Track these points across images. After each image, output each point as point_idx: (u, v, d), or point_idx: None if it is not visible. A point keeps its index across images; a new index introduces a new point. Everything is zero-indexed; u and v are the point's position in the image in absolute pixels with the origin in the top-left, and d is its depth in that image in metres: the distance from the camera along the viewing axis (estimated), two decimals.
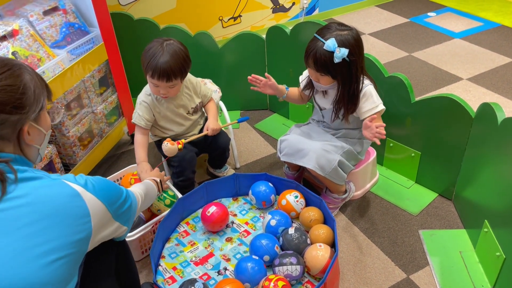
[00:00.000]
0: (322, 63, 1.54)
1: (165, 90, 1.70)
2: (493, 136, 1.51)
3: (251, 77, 1.77)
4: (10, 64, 0.95)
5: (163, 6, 2.96)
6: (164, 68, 1.62)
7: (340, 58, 1.50)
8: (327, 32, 1.54)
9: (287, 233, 1.53)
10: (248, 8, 3.29)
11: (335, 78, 1.58)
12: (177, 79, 1.68)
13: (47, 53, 1.73)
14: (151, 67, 1.63)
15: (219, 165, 2.06)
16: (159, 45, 1.65)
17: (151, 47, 1.66)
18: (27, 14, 1.74)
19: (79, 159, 1.93)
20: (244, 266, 1.41)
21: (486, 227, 1.53)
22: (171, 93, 1.73)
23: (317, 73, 1.59)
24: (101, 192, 1.00)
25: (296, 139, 1.73)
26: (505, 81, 2.74)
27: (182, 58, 1.66)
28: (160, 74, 1.63)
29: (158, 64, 1.62)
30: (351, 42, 1.52)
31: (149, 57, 1.64)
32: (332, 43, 1.50)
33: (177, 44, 1.68)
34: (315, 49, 1.54)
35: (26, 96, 0.95)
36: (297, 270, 1.40)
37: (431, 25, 3.56)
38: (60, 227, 0.89)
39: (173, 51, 1.64)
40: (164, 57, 1.62)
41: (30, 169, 0.94)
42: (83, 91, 1.92)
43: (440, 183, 1.89)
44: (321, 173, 1.64)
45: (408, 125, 1.87)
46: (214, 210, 1.62)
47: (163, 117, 1.82)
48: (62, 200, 0.91)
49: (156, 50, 1.63)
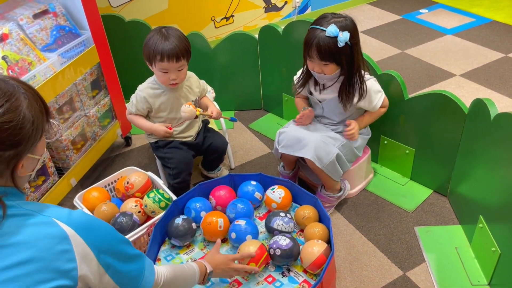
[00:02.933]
0: (326, 50, 1.55)
1: (175, 75, 1.73)
2: (486, 132, 1.52)
3: (298, 121, 1.78)
4: (7, 94, 0.85)
5: (155, 7, 2.95)
6: (171, 48, 1.67)
7: (344, 42, 1.53)
8: (324, 21, 1.57)
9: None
10: (241, 8, 3.29)
11: (339, 64, 1.60)
12: (184, 59, 1.73)
13: (38, 56, 1.72)
14: (158, 51, 1.67)
15: (213, 167, 2.06)
16: (158, 32, 1.71)
17: (151, 36, 1.71)
18: (17, 18, 1.73)
19: (73, 162, 1.92)
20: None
21: (481, 222, 1.54)
22: (181, 76, 1.76)
23: (321, 63, 1.60)
24: (95, 238, 0.88)
25: (295, 130, 1.75)
26: (497, 76, 2.75)
27: (184, 38, 1.73)
28: (169, 55, 1.67)
29: (165, 47, 1.66)
30: (350, 26, 1.56)
31: (153, 44, 1.68)
32: (334, 28, 1.52)
33: (175, 28, 1.75)
34: (316, 38, 1.55)
35: (24, 130, 0.86)
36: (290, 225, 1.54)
37: (423, 21, 3.57)
38: (41, 273, 0.80)
39: (174, 33, 1.71)
40: (169, 40, 1.68)
41: (20, 204, 0.86)
42: (75, 94, 1.91)
43: (435, 179, 1.90)
44: (318, 165, 1.65)
45: (402, 123, 1.87)
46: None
47: (165, 109, 1.84)
48: (47, 242, 0.82)
49: (158, 37, 1.69)
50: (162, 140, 1.87)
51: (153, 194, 1.68)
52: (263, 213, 1.73)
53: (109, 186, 1.87)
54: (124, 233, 1.57)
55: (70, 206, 1.94)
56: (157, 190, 1.69)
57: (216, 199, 1.70)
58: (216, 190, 1.72)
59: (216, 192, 1.72)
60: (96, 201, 1.72)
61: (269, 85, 2.43)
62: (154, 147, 1.91)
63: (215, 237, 1.59)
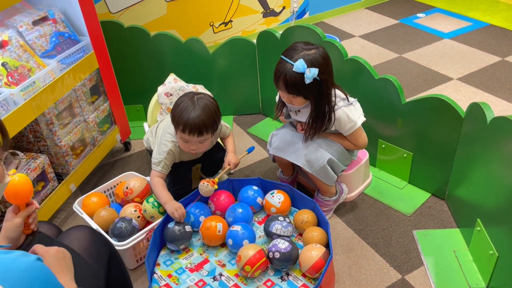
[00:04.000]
0: (293, 85, 1.51)
1: (195, 146, 1.65)
2: (483, 135, 1.53)
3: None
4: None
5: (154, 13, 2.96)
6: (195, 123, 1.57)
7: (311, 79, 1.47)
8: (294, 53, 1.51)
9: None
10: (239, 13, 3.31)
11: (307, 98, 1.56)
12: (208, 134, 1.62)
13: (37, 63, 1.73)
14: (182, 122, 1.58)
15: (213, 173, 2.06)
16: (189, 99, 1.61)
17: (181, 101, 1.62)
18: (17, 25, 1.74)
19: (72, 168, 1.93)
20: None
21: (478, 225, 1.54)
22: (201, 148, 1.68)
23: (290, 95, 1.56)
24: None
25: (288, 134, 1.73)
26: (494, 80, 2.77)
27: (214, 112, 1.62)
28: (191, 129, 1.57)
29: (189, 119, 1.57)
30: (319, 61, 1.48)
31: (180, 112, 1.59)
32: (301, 64, 1.46)
33: (207, 98, 1.64)
34: (284, 71, 1.50)
35: None
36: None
37: (421, 26, 3.59)
38: None
39: (205, 104, 1.60)
40: (195, 112, 1.57)
41: None
42: (75, 100, 1.92)
43: (432, 183, 1.91)
44: (308, 170, 1.65)
45: (399, 126, 1.88)
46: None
47: (180, 156, 1.78)
48: None
49: (187, 105, 1.59)
50: None
51: (152, 199, 1.68)
52: (262, 217, 1.74)
53: (109, 191, 1.88)
54: (123, 238, 1.58)
55: (69, 212, 1.94)
56: None
57: (215, 204, 1.71)
58: (215, 195, 1.73)
59: (215, 197, 1.72)
60: (96, 206, 1.73)
61: (268, 89, 2.44)
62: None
63: (214, 241, 1.60)
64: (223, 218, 1.65)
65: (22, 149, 1.91)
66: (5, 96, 1.55)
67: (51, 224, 1.29)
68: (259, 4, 3.37)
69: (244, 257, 1.44)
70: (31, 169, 1.71)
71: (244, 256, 1.44)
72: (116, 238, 1.58)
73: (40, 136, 1.85)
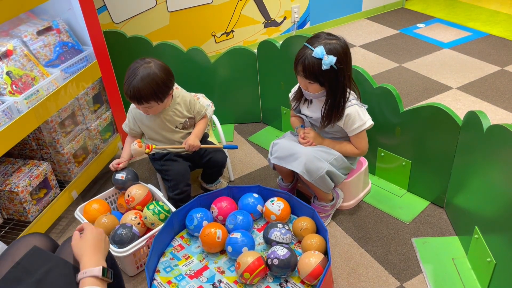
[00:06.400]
0: (310, 70, 1.58)
1: (143, 109, 1.76)
2: (480, 144, 1.54)
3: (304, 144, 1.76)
4: None
5: (156, 23, 3.01)
6: (133, 92, 1.66)
7: (328, 65, 1.54)
8: (316, 40, 1.59)
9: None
10: (240, 23, 3.35)
11: (323, 86, 1.62)
12: (150, 103, 1.69)
13: (41, 72, 1.76)
14: (124, 88, 1.69)
15: (213, 180, 2.08)
16: (137, 66, 1.68)
17: (131, 67, 1.70)
18: (21, 35, 1.78)
19: (74, 175, 1.95)
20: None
21: (476, 233, 1.55)
22: (150, 112, 1.77)
23: (306, 81, 1.63)
24: None
25: (288, 143, 1.77)
26: (494, 89, 2.79)
27: (155, 83, 1.66)
28: (130, 97, 1.69)
29: (129, 87, 1.66)
30: (339, 51, 1.56)
31: (126, 78, 1.69)
32: (320, 51, 1.54)
33: (154, 68, 1.67)
34: (304, 56, 1.58)
35: None
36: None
37: (421, 36, 3.62)
38: None
39: (147, 74, 1.65)
40: (135, 81, 1.65)
41: None
42: (77, 108, 1.95)
43: (431, 191, 1.92)
44: (307, 179, 1.67)
45: (398, 135, 1.90)
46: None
47: (149, 129, 1.86)
48: None
49: (132, 72, 1.67)
50: (157, 152, 1.89)
51: (152, 206, 1.70)
52: (262, 224, 1.75)
53: (110, 198, 1.90)
54: (124, 245, 1.59)
55: (71, 219, 1.96)
56: (156, 202, 1.72)
57: (218, 209, 1.72)
58: (218, 200, 1.75)
59: (218, 202, 1.74)
60: (97, 213, 1.75)
61: (268, 98, 2.47)
62: (152, 159, 1.94)
63: (214, 248, 1.61)
64: (223, 224, 1.67)
65: (24, 156, 1.93)
66: (9, 104, 1.58)
67: (47, 236, 1.24)
68: (261, 14, 3.42)
69: (243, 264, 1.45)
70: (33, 176, 1.74)
71: (243, 263, 1.45)
72: (116, 245, 1.60)
73: (43, 144, 1.87)
